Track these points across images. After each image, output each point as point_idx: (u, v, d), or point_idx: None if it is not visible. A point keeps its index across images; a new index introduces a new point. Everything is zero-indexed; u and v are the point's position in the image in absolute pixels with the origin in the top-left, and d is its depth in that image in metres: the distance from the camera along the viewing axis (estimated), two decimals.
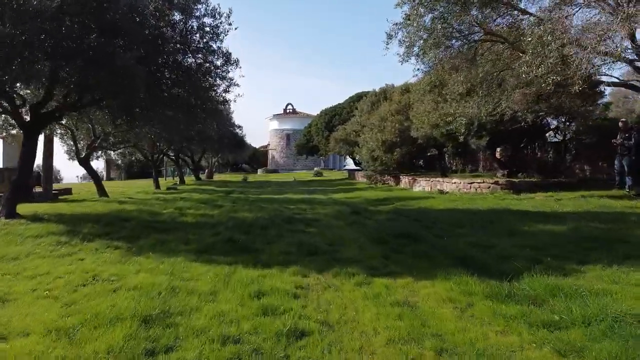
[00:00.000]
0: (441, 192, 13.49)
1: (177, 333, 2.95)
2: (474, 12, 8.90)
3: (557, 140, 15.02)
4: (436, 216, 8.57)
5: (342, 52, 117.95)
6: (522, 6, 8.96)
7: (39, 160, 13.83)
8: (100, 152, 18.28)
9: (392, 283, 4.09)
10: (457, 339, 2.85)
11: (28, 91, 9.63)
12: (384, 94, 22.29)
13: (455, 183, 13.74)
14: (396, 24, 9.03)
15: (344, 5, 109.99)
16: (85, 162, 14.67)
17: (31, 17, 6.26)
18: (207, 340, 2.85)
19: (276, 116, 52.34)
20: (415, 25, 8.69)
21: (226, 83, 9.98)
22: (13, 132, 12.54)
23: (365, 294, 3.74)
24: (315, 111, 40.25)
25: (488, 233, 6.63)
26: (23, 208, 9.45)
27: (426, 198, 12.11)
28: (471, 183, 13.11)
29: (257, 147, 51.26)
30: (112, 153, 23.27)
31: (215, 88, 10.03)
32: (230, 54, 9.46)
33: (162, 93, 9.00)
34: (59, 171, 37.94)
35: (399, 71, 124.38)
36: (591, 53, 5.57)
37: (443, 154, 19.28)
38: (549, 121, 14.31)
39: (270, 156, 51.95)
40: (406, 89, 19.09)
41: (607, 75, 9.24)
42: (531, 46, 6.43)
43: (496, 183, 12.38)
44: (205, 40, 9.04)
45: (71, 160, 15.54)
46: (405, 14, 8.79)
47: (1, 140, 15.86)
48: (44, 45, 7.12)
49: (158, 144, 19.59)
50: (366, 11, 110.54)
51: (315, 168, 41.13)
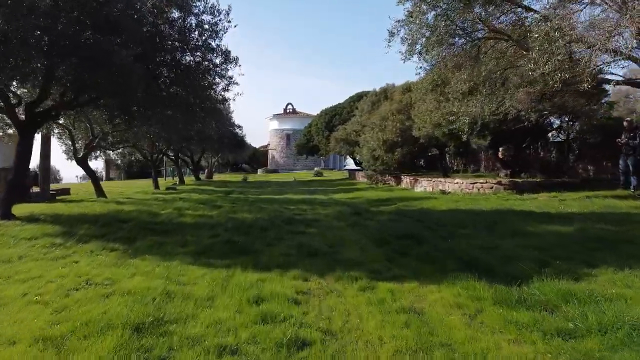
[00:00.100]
0: (443, 193, 13.34)
1: (171, 343, 2.79)
2: (477, 10, 8.75)
3: (560, 139, 14.89)
4: (439, 217, 8.43)
5: (342, 52, 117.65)
6: (526, 3, 8.82)
7: (37, 160, 13.77)
8: (98, 152, 18.13)
9: (397, 288, 3.92)
10: (468, 349, 2.70)
11: (25, 90, 9.48)
12: (385, 94, 22.15)
13: (457, 183, 13.58)
14: (398, 21, 8.87)
15: (344, 5, 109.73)
16: (83, 162, 14.50)
17: (24, 14, 6.11)
18: (203, 350, 2.70)
19: (276, 116, 52.19)
20: (417, 22, 8.51)
21: (225, 81, 9.84)
22: (10, 132, 12.41)
23: (369, 300, 3.58)
24: (315, 111, 40.14)
25: (493, 234, 6.50)
26: (19, 209, 9.31)
27: (428, 198, 11.96)
28: (473, 183, 12.95)
29: (257, 147, 51.15)
30: (111, 153, 23.11)
31: (214, 87, 9.88)
32: (229, 52, 9.32)
33: (161, 92, 8.86)
34: (59, 171, 37.81)
35: (400, 71, 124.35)
36: (600, 49, 5.40)
37: (444, 154, 19.13)
38: (552, 120, 14.18)
39: (270, 156, 51.80)
40: (407, 88, 18.94)
41: (612, 73, 9.12)
42: (537, 43, 6.25)
43: (499, 183, 12.23)
44: (204, 37, 8.88)
45: (69, 160, 15.42)
46: (407, 11, 8.62)
47: None
48: (40, 42, 6.98)
49: (157, 144, 19.43)
50: (366, 11, 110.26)
51: (315, 168, 40.99)
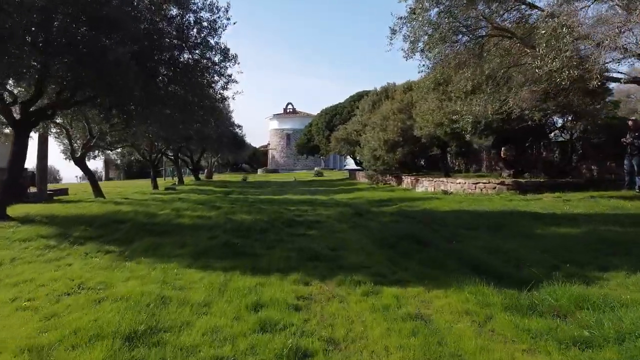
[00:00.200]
0: (445, 193, 13.17)
1: (164, 354, 2.62)
2: (481, 7, 8.60)
3: (563, 139, 14.70)
4: (442, 218, 8.28)
5: (342, 52, 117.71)
6: (530, 0, 8.66)
7: (35, 160, 13.59)
8: (97, 152, 17.96)
9: (402, 293, 3.76)
10: None
11: (21, 89, 9.32)
12: (386, 93, 21.98)
13: (459, 183, 13.41)
14: (400, 18, 8.70)
15: (344, 5, 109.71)
16: (80, 162, 14.34)
17: (19, 10, 5.96)
18: None
19: (276, 116, 52.03)
20: (420, 19, 8.35)
21: (224, 80, 9.70)
22: (6, 131, 12.24)
23: (373, 306, 3.40)
24: (315, 111, 39.98)
25: (498, 236, 6.34)
26: (15, 209, 9.16)
27: (430, 199, 11.80)
28: (476, 183, 12.79)
29: (257, 147, 51.02)
30: (110, 153, 22.96)
31: (213, 85, 9.72)
32: (228, 50, 9.17)
33: (159, 90, 8.70)
34: (58, 171, 37.70)
35: (400, 70, 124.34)
36: (610, 46, 5.24)
37: (446, 154, 18.95)
38: (555, 120, 14.00)
39: (270, 156, 51.63)
40: (408, 87, 18.77)
41: (618, 72, 8.94)
42: (544, 39, 6.08)
43: (502, 183, 12.07)
44: (202, 35, 8.74)
45: (67, 160, 15.26)
46: (410, 8, 8.46)
47: None
48: (35, 39, 6.83)
49: (156, 144, 19.26)
50: (366, 11, 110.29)
51: (315, 168, 40.84)
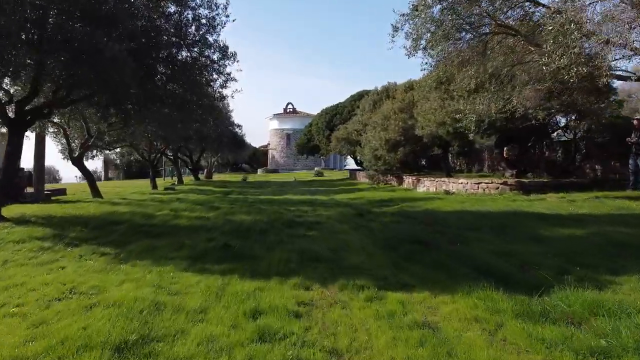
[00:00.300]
0: (447, 193, 13.01)
1: None
2: (484, 4, 8.46)
3: (566, 139, 14.54)
4: (444, 218, 8.11)
5: (342, 52, 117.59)
6: None
7: (32, 160, 13.43)
8: (95, 152, 17.77)
9: (407, 298, 3.60)
10: None
11: (18, 88, 9.16)
12: (387, 92, 21.80)
13: (462, 183, 13.25)
14: (402, 15, 8.55)
15: (344, 5, 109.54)
16: (78, 162, 14.18)
17: (13, 6, 5.80)
18: None
19: (276, 116, 51.85)
20: (423, 16, 8.21)
21: (223, 78, 9.53)
22: (3, 131, 12.08)
23: (377, 313, 3.24)
24: (315, 111, 39.78)
25: (504, 238, 6.18)
26: (11, 210, 9.01)
27: (432, 199, 11.63)
28: (478, 183, 12.62)
29: (257, 147, 50.87)
30: (109, 153, 22.81)
31: (211, 83, 9.56)
32: (227, 48, 9.01)
33: (157, 89, 8.54)
34: (58, 171, 37.52)
35: (401, 70, 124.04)
36: (621, 43, 5.08)
37: (448, 154, 18.79)
38: (558, 119, 13.84)
39: (270, 156, 51.47)
40: (410, 87, 18.61)
41: (624, 70, 8.79)
42: (552, 35, 5.93)
43: (505, 183, 11.90)
44: (201, 32, 8.58)
45: (65, 160, 15.11)
46: (412, 5, 8.31)
47: None
48: (29, 36, 6.67)
49: (155, 143, 19.10)
50: (366, 11, 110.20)
51: (315, 168, 40.68)
